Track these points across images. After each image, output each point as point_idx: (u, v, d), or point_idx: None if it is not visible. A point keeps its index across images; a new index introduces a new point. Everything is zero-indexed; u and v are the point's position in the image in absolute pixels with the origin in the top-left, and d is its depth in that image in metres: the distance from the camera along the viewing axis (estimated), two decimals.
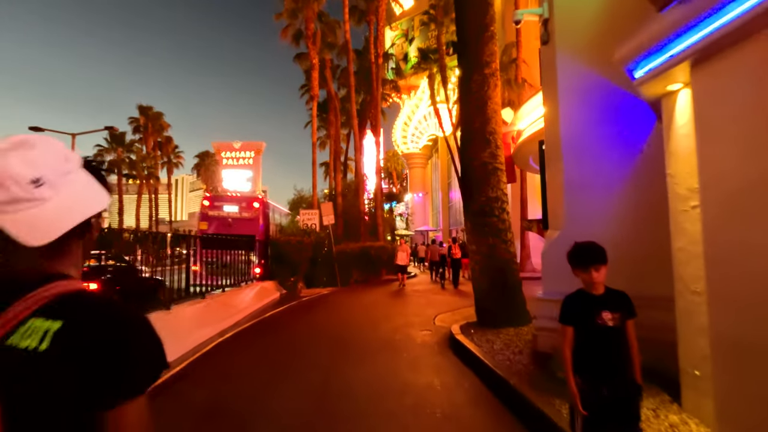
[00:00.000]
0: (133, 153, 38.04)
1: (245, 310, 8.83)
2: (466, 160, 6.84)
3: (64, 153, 0.74)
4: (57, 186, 0.70)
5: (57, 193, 0.70)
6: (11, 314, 0.65)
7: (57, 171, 0.71)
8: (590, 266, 2.26)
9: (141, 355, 0.70)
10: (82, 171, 0.77)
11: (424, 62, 31.41)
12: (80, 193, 0.74)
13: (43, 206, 0.68)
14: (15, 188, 0.66)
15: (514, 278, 6.60)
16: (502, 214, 6.63)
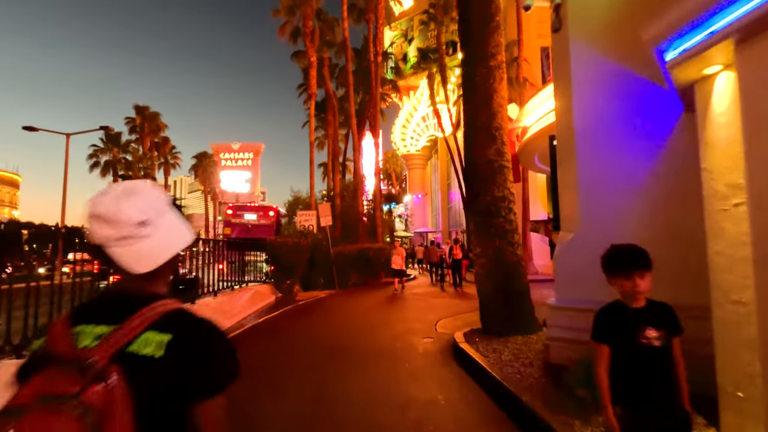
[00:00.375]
0: (129, 153, 37.59)
1: (236, 315, 8.42)
2: (471, 157, 6.46)
3: (160, 196, 0.93)
4: (156, 225, 0.88)
5: (156, 231, 0.88)
6: (130, 327, 0.82)
7: (156, 213, 0.89)
8: (634, 273, 1.87)
9: (226, 365, 0.89)
10: (170, 209, 0.94)
11: (423, 62, 31.09)
12: (172, 230, 0.92)
13: (145, 242, 0.86)
14: (126, 228, 0.84)
15: (522, 283, 6.21)
16: (508, 214, 6.24)
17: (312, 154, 18.67)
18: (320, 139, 32.43)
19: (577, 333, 4.33)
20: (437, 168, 42.40)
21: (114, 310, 0.86)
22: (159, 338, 0.82)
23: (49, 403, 0.68)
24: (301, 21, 19.26)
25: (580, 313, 4.37)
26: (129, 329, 0.81)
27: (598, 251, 4.37)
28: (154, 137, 41.31)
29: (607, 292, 4.16)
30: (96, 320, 0.85)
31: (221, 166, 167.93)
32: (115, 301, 0.89)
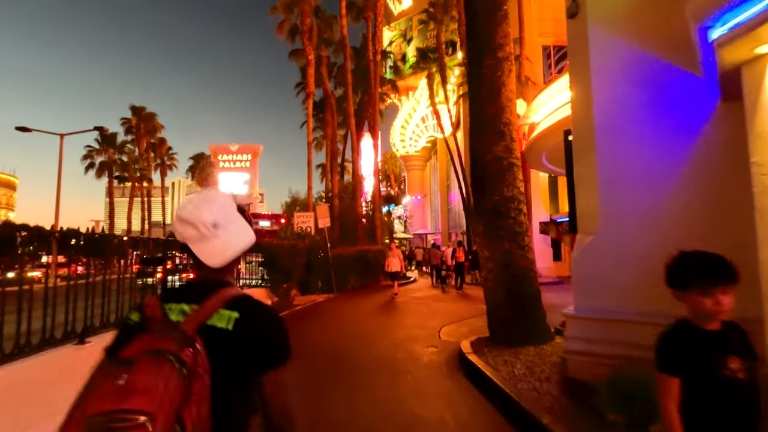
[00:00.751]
0: (124, 154, 37.12)
1: None
2: (477, 154, 6.06)
3: (230, 203, 1.14)
4: (226, 227, 1.09)
5: (226, 232, 1.08)
6: (208, 306, 1.02)
7: (226, 217, 1.10)
8: (715, 288, 1.46)
9: (281, 343, 1.09)
10: (237, 213, 1.15)
11: (423, 61, 30.75)
12: (239, 231, 1.12)
13: (218, 240, 1.07)
14: (203, 229, 1.05)
15: (534, 289, 5.81)
16: (518, 215, 5.84)
17: (310, 155, 18.25)
18: (318, 140, 32.04)
19: (600, 346, 3.93)
20: (437, 169, 42.04)
21: (195, 293, 1.07)
22: (230, 315, 1.02)
23: (154, 356, 0.86)
24: (299, 18, 18.86)
25: (603, 323, 3.98)
26: (207, 308, 1.02)
27: (621, 254, 3.98)
28: (151, 138, 40.86)
29: (633, 301, 3.76)
30: (181, 300, 1.07)
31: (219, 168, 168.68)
32: (195, 286, 1.11)
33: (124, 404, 0.78)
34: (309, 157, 18.37)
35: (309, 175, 18.38)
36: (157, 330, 0.93)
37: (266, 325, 1.06)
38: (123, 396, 0.79)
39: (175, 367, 0.85)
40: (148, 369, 0.83)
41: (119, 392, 0.80)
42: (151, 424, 0.77)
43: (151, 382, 0.81)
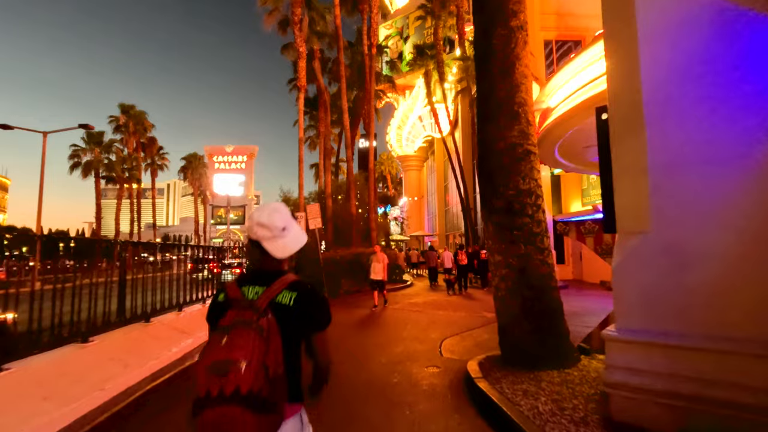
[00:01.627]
0: (112, 154, 35.96)
1: (202, 336, 6.99)
2: (487, 142, 5.13)
3: (289, 213, 1.66)
4: (288, 229, 1.60)
5: (289, 233, 1.60)
6: (275, 288, 1.50)
7: (289, 222, 1.61)
8: None
9: (325, 313, 1.61)
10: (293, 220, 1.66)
11: (420, 58, 29.93)
12: (297, 234, 1.66)
13: (284, 239, 1.58)
14: (275, 231, 1.56)
15: (555, 301, 4.88)
16: (537, 212, 4.92)
17: (301, 152, 17.23)
18: (312, 138, 31.09)
19: (656, 380, 3.00)
20: (433, 170, 41.18)
21: (263, 278, 1.56)
22: (291, 294, 1.53)
23: (243, 324, 1.36)
24: (290, 9, 17.93)
25: (659, 350, 3.06)
26: (274, 289, 1.51)
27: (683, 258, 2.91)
28: (140, 137, 39.73)
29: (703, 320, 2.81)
30: (253, 283, 1.55)
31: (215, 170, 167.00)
32: (263, 273, 1.59)
33: (229, 355, 1.29)
34: (300, 154, 17.33)
35: (300, 173, 17.37)
36: (240, 306, 1.46)
37: (315, 302, 1.58)
38: (227, 350, 1.31)
39: (257, 331, 1.36)
40: (240, 333, 1.35)
41: (224, 348, 1.32)
42: (247, 366, 1.28)
43: (243, 341, 1.33)
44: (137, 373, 4.95)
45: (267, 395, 1.31)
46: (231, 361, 1.28)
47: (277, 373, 1.37)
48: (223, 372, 1.27)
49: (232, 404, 1.26)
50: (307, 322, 1.54)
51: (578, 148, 8.13)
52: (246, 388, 1.27)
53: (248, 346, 1.31)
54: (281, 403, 1.41)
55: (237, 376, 1.27)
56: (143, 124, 38.87)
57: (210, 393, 1.28)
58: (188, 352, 6.22)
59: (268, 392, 1.32)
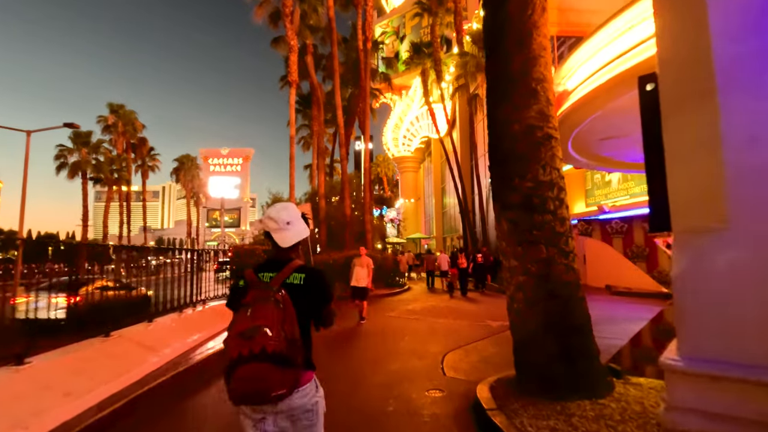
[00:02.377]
0: (100, 154, 34.93)
1: (169, 354, 6.11)
2: (500, 125, 4.33)
3: (296, 211, 1.99)
4: (293, 223, 1.92)
5: (293, 227, 1.92)
6: (284, 272, 1.84)
7: (294, 218, 1.94)
8: None
9: (328, 291, 1.94)
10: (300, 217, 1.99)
11: (417, 56, 29.21)
12: (300, 228, 1.95)
13: (288, 232, 1.90)
14: (281, 224, 1.89)
15: (583, 314, 4.08)
16: (560, 209, 4.12)
17: (292, 150, 16.38)
18: (306, 139, 30.27)
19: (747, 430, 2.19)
20: (430, 171, 40.46)
21: (275, 265, 1.90)
22: (300, 275, 1.86)
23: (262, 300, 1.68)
24: (281, 0, 17.12)
25: (750, 389, 2.25)
26: (285, 272, 1.85)
27: None
28: (130, 138, 38.72)
29: None
30: (267, 270, 1.89)
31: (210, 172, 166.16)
32: (274, 261, 1.92)
33: (254, 323, 1.61)
34: (291, 152, 16.47)
35: (291, 172, 16.51)
36: (258, 287, 1.77)
37: (321, 281, 1.92)
38: (252, 320, 1.63)
39: (275, 303, 1.68)
40: (261, 306, 1.67)
41: (249, 318, 1.64)
42: (270, 330, 1.60)
43: (264, 312, 1.65)
44: (78, 403, 4.08)
45: (287, 353, 1.65)
46: (256, 327, 1.63)
47: (294, 336, 1.71)
48: (251, 336, 1.62)
49: (261, 361, 1.61)
50: (315, 298, 1.89)
51: (594, 140, 7.36)
52: (270, 348, 1.61)
53: (269, 316, 1.67)
54: (298, 359, 1.72)
55: (263, 339, 1.61)
56: (133, 124, 37.86)
57: (241, 354, 1.62)
58: (150, 373, 5.34)
59: (288, 351, 1.66)
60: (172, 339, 6.74)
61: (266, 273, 1.87)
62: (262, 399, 1.68)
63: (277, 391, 1.63)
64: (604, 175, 16.54)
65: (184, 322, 7.88)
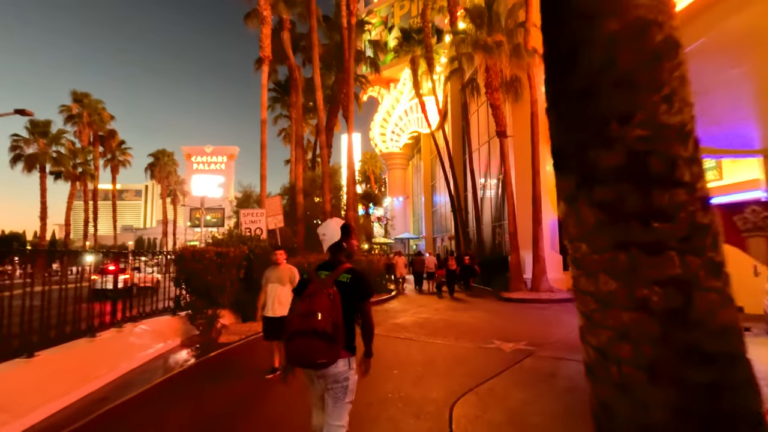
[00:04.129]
0: (61, 146, 32.07)
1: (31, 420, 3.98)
2: (580, 19, 2.30)
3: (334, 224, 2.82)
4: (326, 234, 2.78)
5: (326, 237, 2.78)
6: (336, 272, 2.61)
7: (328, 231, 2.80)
8: None
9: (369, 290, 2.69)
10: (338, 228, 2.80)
11: (406, 43, 27.30)
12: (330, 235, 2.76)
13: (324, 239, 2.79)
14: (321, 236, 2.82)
15: (753, 390, 2.09)
16: (699, 179, 2.12)
17: (263, 136, 14.11)
18: (287, 131, 28.05)
19: None
20: (420, 168, 38.59)
21: (329, 266, 2.65)
22: (347, 276, 2.57)
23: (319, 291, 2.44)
24: None
25: None
26: (336, 273, 2.57)
27: None
28: (98, 129, 35.90)
29: None
30: (324, 269, 2.64)
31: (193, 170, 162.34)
32: (329, 263, 2.69)
33: (311, 308, 2.34)
34: (262, 138, 14.22)
35: (262, 162, 14.27)
36: (316, 282, 2.52)
37: (362, 282, 2.60)
38: (310, 306, 2.36)
39: (327, 295, 2.38)
40: (318, 297, 2.38)
41: (308, 305, 2.37)
42: (321, 315, 2.30)
43: (319, 301, 2.36)
44: None
45: (332, 333, 2.34)
46: (312, 312, 2.36)
47: (338, 322, 2.38)
48: (308, 317, 2.35)
49: (311, 336, 2.31)
50: (356, 294, 2.56)
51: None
52: (320, 328, 2.32)
53: (322, 304, 2.39)
54: (341, 341, 2.41)
55: (315, 320, 2.33)
56: (100, 114, 35.04)
57: (299, 329, 2.36)
58: None
59: (332, 331, 2.34)
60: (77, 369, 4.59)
61: (323, 272, 2.64)
62: (308, 363, 2.40)
63: (320, 359, 2.34)
64: None
65: (88, 356, 5.73)
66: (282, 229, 15.63)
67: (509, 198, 15.71)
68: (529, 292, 14.63)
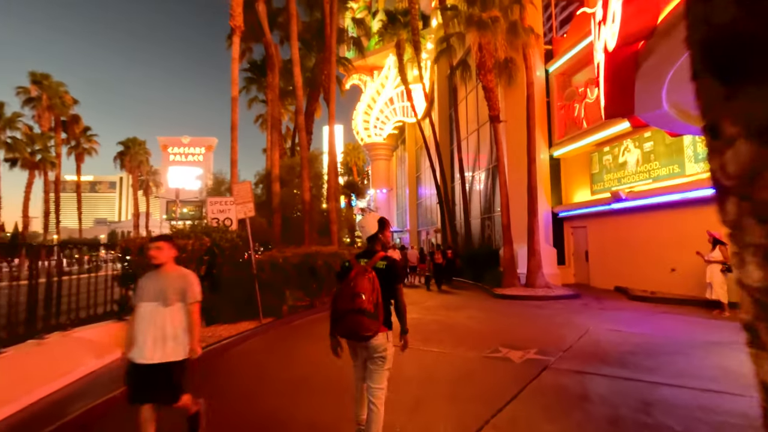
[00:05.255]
0: (17, 131, 29.57)
1: None
2: None
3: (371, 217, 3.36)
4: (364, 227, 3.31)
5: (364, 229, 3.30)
6: (375, 259, 3.09)
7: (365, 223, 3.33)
8: None
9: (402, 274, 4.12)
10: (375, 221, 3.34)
11: (391, 26, 25.83)
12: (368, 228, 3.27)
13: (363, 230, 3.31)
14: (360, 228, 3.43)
15: None
16: None
17: (234, 115, 12.51)
18: (264, 117, 26.35)
19: None
20: (404, 160, 37.32)
21: (368, 254, 3.16)
22: (383, 263, 3.07)
23: (361, 276, 2.96)
24: None
25: None
26: (374, 260, 3.07)
27: None
28: (60, 114, 33.36)
29: None
30: (363, 257, 3.14)
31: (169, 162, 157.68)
32: (368, 251, 3.20)
33: (356, 290, 2.88)
34: (233, 118, 12.61)
35: (233, 144, 12.67)
36: (358, 267, 3.02)
37: (396, 268, 3.10)
38: (354, 288, 2.89)
39: (368, 279, 2.92)
40: (360, 279, 2.91)
41: (353, 287, 2.90)
42: (364, 296, 2.85)
43: (362, 284, 2.90)
44: None
45: (373, 311, 2.86)
46: (357, 294, 2.86)
47: (377, 301, 2.89)
48: (354, 298, 2.85)
49: (358, 314, 2.83)
50: (392, 277, 3.03)
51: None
52: (364, 306, 2.83)
53: (364, 286, 2.88)
54: (381, 317, 2.91)
55: (360, 301, 2.83)
56: (61, 98, 32.49)
57: (347, 308, 2.86)
58: None
59: (374, 310, 2.86)
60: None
61: (363, 259, 3.09)
62: (356, 336, 2.90)
63: (365, 333, 2.85)
64: (617, 155, 13.86)
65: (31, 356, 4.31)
66: (255, 220, 14.24)
67: (502, 187, 14.65)
68: (523, 288, 13.63)
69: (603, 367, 5.52)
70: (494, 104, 14.93)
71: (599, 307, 10.75)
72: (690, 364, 5.63)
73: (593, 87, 14.69)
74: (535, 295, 12.54)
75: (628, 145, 13.25)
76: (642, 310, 10.23)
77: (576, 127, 15.54)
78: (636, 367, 5.51)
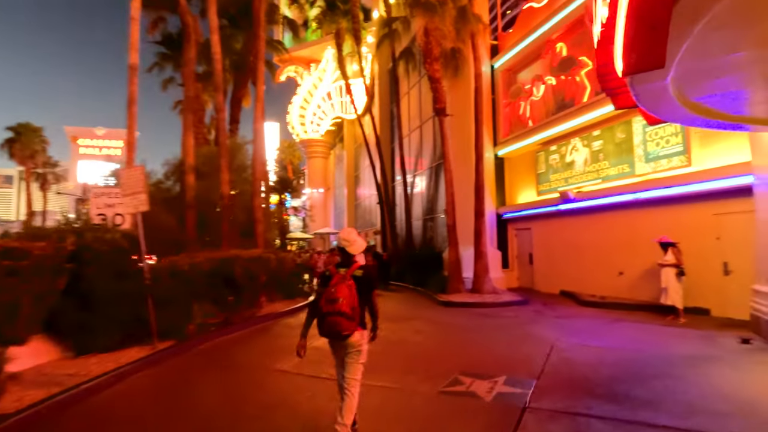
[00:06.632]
0: None
1: None
2: None
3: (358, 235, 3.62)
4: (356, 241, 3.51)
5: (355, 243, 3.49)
6: (352, 269, 3.37)
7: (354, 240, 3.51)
8: None
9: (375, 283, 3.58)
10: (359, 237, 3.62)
11: (330, 13, 24.05)
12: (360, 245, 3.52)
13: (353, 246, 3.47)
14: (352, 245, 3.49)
15: None
16: None
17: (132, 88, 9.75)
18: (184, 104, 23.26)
19: None
20: (342, 158, 35.64)
21: (346, 263, 3.43)
22: (360, 271, 3.37)
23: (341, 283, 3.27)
24: None
25: None
26: (352, 269, 3.36)
27: None
28: None
29: None
30: (342, 266, 3.42)
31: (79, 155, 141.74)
32: (346, 262, 3.44)
33: (336, 296, 3.19)
34: (131, 91, 9.62)
35: (130, 123, 9.90)
36: (337, 275, 3.32)
37: (372, 277, 3.43)
38: (335, 294, 3.20)
39: (347, 286, 3.24)
40: (340, 286, 3.22)
41: (333, 293, 3.22)
42: (344, 301, 3.16)
43: (341, 290, 3.21)
44: None
45: (351, 314, 3.16)
46: (337, 298, 3.15)
47: (355, 305, 3.20)
48: (334, 302, 3.15)
49: (338, 316, 3.12)
50: (367, 285, 3.34)
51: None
52: (343, 310, 3.12)
53: (344, 292, 3.18)
54: (357, 319, 3.24)
55: (339, 305, 3.13)
56: None
57: (329, 311, 3.15)
58: None
59: (351, 313, 3.16)
60: None
61: (342, 268, 3.38)
62: (337, 335, 3.20)
63: (344, 332, 3.16)
64: (563, 155, 13.38)
65: None
66: (161, 218, 11.79)
67: (448, 185, 13.58)
68: (470, 294, 12.62)
69: (592, 402, 4.35)
70: (440, 96, 13.85)
71: (553, 315, 9.93)
72: (689, 392, 4.65)
73: (539, 84, 14.18)
74: (483, 302, 11.54)
75: (575, 144, 12.78)
76: (596, 317, 9.54)
77: (521, 125, 14.97)
78: (630, 400, 4.41)
